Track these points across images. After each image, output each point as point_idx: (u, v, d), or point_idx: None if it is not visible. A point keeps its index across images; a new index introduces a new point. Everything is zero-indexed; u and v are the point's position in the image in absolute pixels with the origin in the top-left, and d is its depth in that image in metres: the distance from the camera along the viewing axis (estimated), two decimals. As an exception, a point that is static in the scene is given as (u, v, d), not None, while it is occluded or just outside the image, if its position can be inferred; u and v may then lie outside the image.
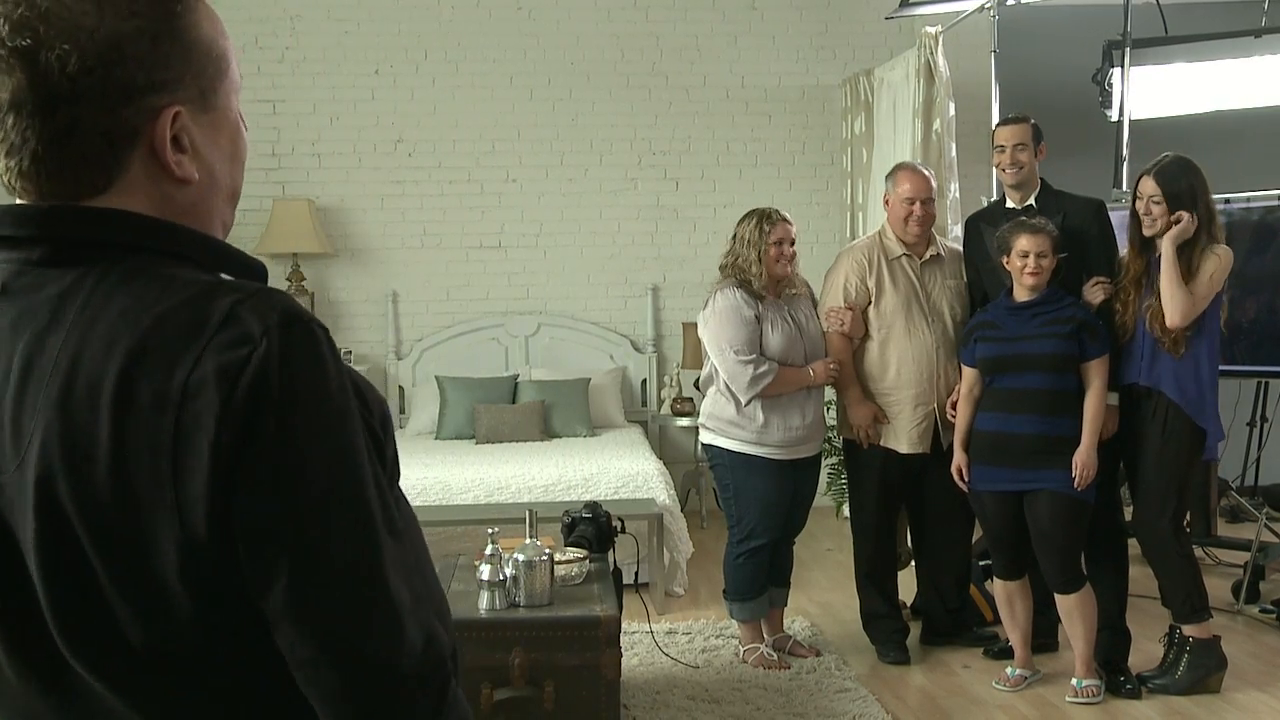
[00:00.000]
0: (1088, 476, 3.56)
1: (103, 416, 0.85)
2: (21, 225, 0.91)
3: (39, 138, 0.90)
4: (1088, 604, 3.66)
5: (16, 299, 0.91)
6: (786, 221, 3.94)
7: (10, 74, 0.88)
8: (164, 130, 0.93)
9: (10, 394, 0.89)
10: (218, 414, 0.84)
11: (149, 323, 0.87)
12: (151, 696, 0.91)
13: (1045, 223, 3.68)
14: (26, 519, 0.87)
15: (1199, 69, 5.81)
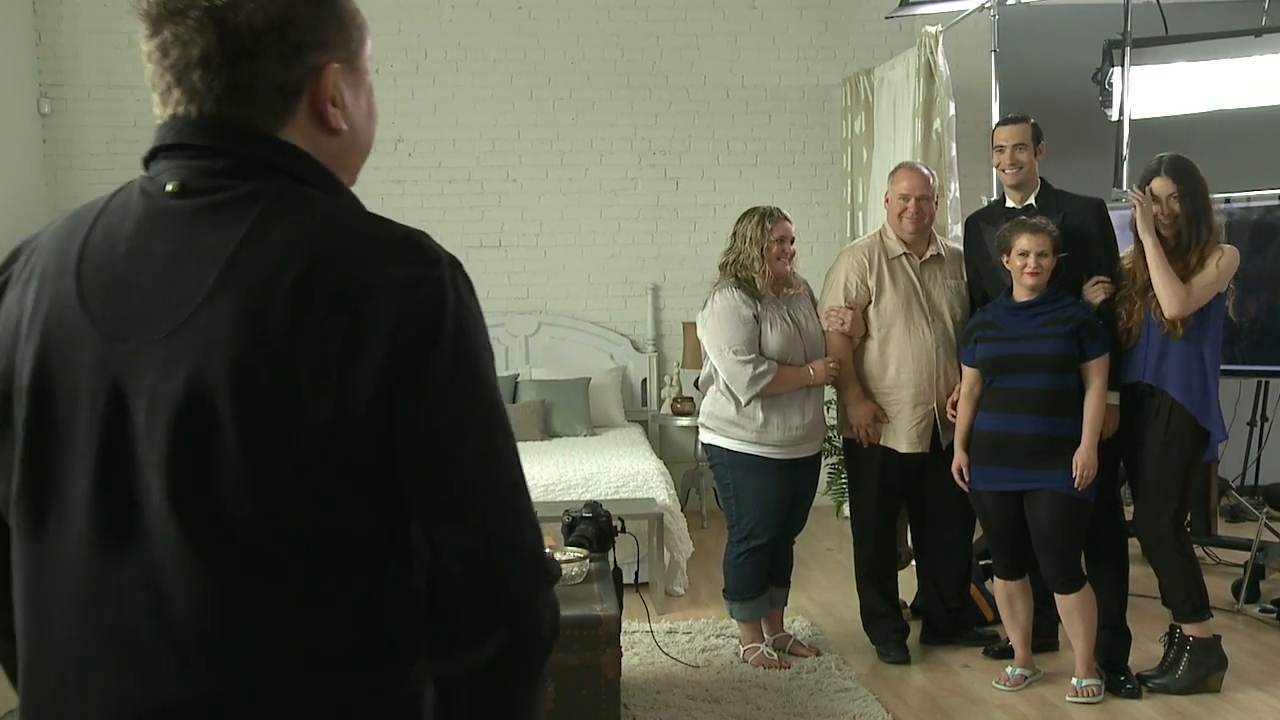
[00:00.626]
0: (1088, 476, 3.56)
1: (278, 306, 0.95)
2: (209, 137, 1.04)
3: (224, 86, 1.03)
4: (1088, 604, 3.66)
5: (195, 197, 1.03)
6: (787, 219, 3.95)
7: (202, 32, 1.02)
8: (326, 85, 1.07)
9: (168, 275, 0.99)
10: (401, 313, 0.97)
11: (330, 234, 1.01)
12: (235, 569, 0.96)
13: (1046, 222, 3.68)
14: (161, 385, 0.96)
15: (1199, 68, 5.81)
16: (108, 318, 1.00)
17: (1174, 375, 3.61)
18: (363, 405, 0.95)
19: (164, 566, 0.97)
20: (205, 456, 0.95)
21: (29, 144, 6.39)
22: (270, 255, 0.98)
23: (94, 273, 1.02)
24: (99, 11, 6.51)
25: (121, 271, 1.02)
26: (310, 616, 0.99)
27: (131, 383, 0.97)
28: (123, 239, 1.03)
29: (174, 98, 1.08)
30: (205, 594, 0.96)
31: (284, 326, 0.95)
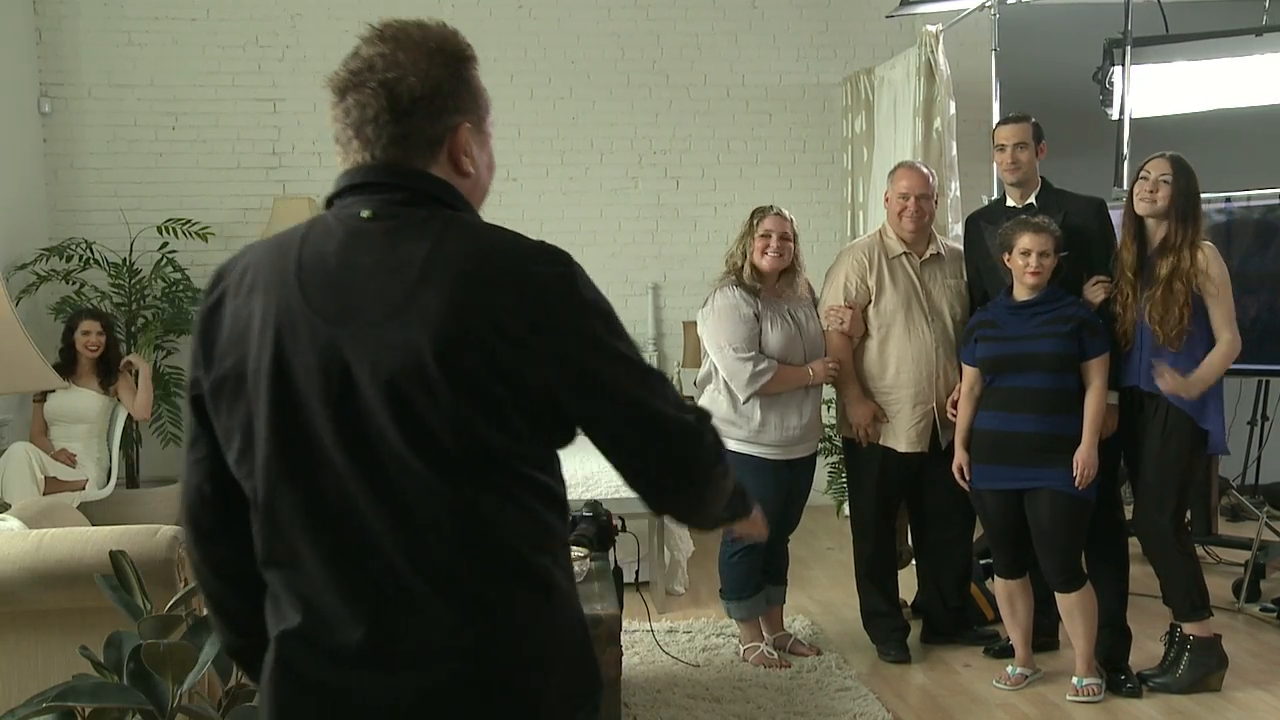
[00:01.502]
0: (1088, 476, 3.56)
1: (464, 295, 1.31)
2: (387, 176, 1.42)
3: (389, 137, 1.41)
4: (1088, 602, 3.66)
5: (385, 222, 1.39)
6: (781, 215, 3.94)
7: (376, 98, 1.40)
8: (461, 139, 1.43)
9: (374, 278, 1.35)
10: (545, 291, 1.34)
11: (490, 243, 1.37)
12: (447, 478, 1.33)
13: (1048, 222, 3.67)
14: (380, 356, 1.31)
15: (1200, 67, 5.80)
16: (328, 311, 1.35)
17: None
18: (528, 357, 1.32)
19: (398, 480, 1.33)
20: (420, 401, 1.31)
21: (29, 143, 6.38)
22: (453, 260, 1.34)
23: (312, 280, 1.37)
24: (99, 10, 6.51)
25: (335, 277, 1.37)
26: (498, 509, 1.36)
27: (353, 356, 1.33)
28: (331, 254, 1.39)
29: (353, 147, 1.45)
30: (429, 496, 1.33)
31: (469, 308, 1.31)
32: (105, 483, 5.59)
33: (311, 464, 1.36)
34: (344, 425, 1.33)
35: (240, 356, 1.39)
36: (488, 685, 1.36)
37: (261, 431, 1.37)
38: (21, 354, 3.21)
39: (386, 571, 1.34)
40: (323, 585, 1.37)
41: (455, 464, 1.34)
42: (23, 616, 2.52)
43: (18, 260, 6.11)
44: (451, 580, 1.35)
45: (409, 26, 1.48)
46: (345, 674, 1.36)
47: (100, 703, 1.77)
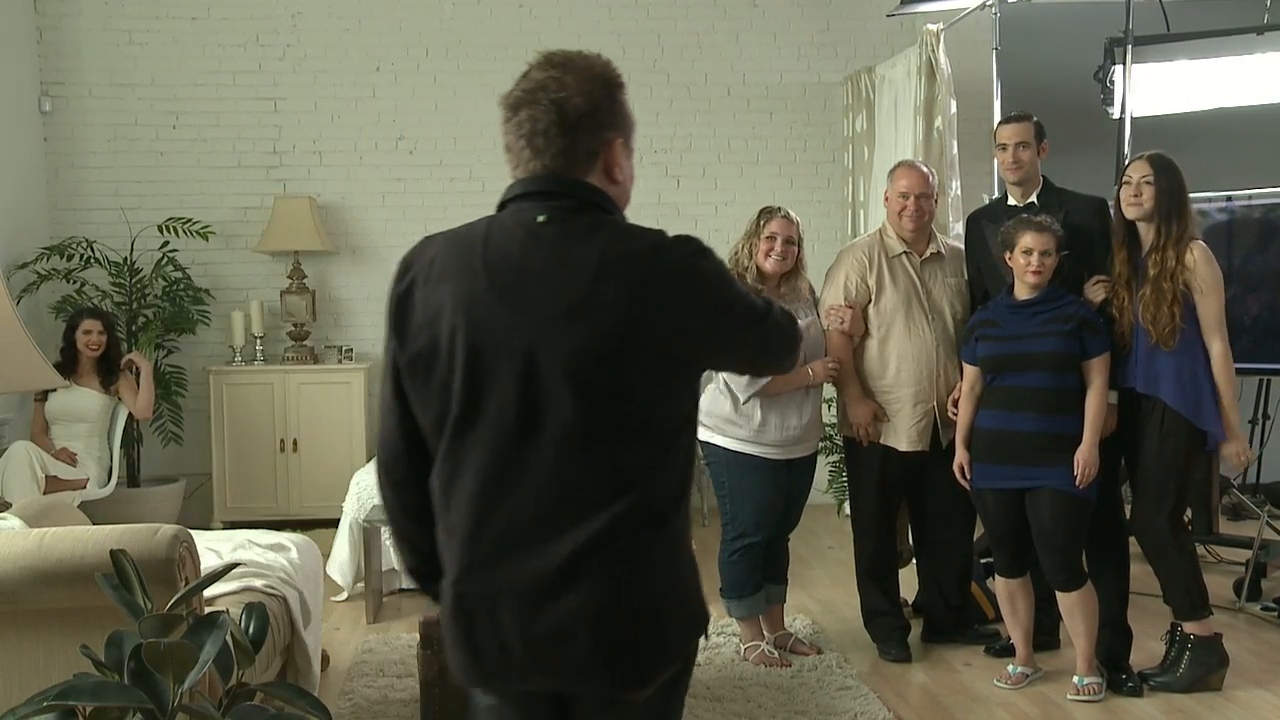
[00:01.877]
0: (1089, 475, 3.56)
1: (634, 288, 1.63)
2: (560, 186, 1.70)
3: (556, 148, 1.69)
4: (1089, 601, 3.66)
5: (557, 226, 1.68)
6: (787, 218, 3.94)
7: (547, 113, 1.67)
8: (614, 152, 1.74)
9: (553, 275, 1.64)
10: (683, 275, 1.66)
11: (643, 242, 1.69)
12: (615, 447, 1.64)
13: (1050, 221, 3.67)
14: (560, 341, 1.61)
15: (1201, 66, 5.80)
16: (515, 303, 1.64)
17: (1166, 380, 3.61)
18: (684, 330, 1.65)
19: (572, 450, 1.62)
20: (595, 380, 1.61)
21: (30, 142, 6.39)
22: (619, 261, 1.65)
23: (498, 275, 1.66)
24: (100, 9, 6.51)
25: (519, 274, 1.65)
26: (650, 470, 1.67)
27: (537, 341, 1.62)
28: (514, 254, 1.67)
29: (525, 155, 1.70)
30: (588, 457, 1.62)
31: (637, 301, 1.62)
32: (106, 482, 5.59)
33: (492, 430, 1.65)
34: (525, 397, 1.63)
35: (433, 336, 1.68)
36: (621, 610, 1.64)
37: (455, 400, 1.66)
38: (22, 353, 3.21)
39: (547, 518, 1.63)
40: (490, 525, 1.66)
41: (617, 432, 1.64)
42: (23, 615, 2.52)
43: (18, 259, 6.11)
44: (598, 524, 1.63)
45: (573, 55, 1.74)
46: (504, 598, 1.65)
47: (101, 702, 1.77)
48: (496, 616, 1.66)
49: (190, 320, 6.40)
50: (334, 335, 6.75)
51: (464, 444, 1.67)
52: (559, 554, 1.62)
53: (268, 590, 3.30)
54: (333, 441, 6.31)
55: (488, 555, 1.66)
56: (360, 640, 4.33)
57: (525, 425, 1.63)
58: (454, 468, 1.68)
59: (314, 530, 5.55)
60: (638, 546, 1.67)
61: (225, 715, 1.86)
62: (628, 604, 1.65)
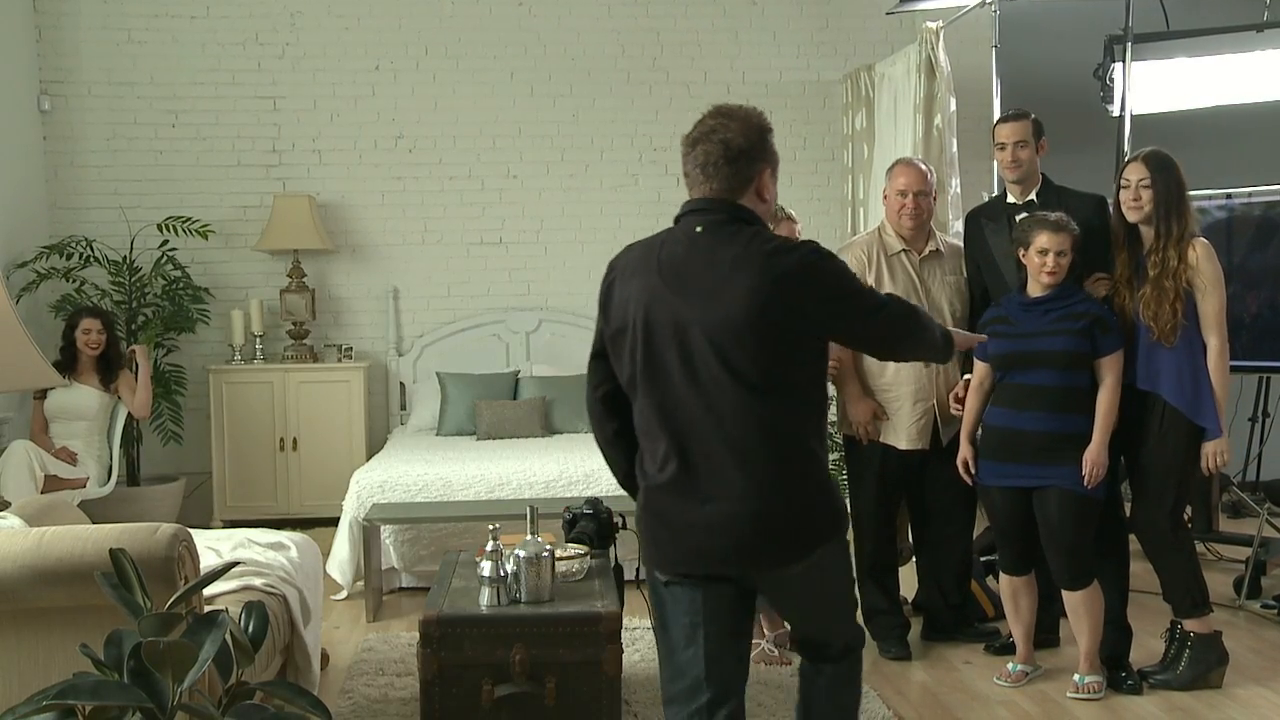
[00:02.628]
0: (1097, 475, 3.55)
1: (762, 277, 2.19)
2: (714, 206, 2.30)
3: (721, 175, 2.28)
4: (1095, 601, 3.66)
5: (711, 235, 2.27)
6: (791, 219, 3.93)
7: (716, 149, 2.27)
8: (764, 179, 2.32)
9: (706, 268, 2.24)
10: (807, 270, 2.21)
11: (771, 245, 2.24)
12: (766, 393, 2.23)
13: (1067, 220, 3.63)
14: (707, 316, 2.21)
15: (1201, 64, 5.79)
16: (677, 289, 2.26)
17: (1166, 377, 3.61)
18: (801, 314, 2.22)
19: (719, 396, 2.23)
20: (731, 346, 2.21)
21: (29, 141, 6.38)
22: (752, 259, 2.22)
23: (667, 270, 2.29)
24: (99, 8, 6.51)
25: (680, 269, 2.27)
26: (787, 413, 2.26)
27: (690, 318, 2.24)
28: (678, 255, 2.29)
29: (698, 180, 2.32)
30: (739, 408, 2.22)
31: (762, 289, 2.19)
32: (106, 480, 5.59)
33: (663, 381, 2.28)
34: (684, 359, 2.25)
35: (624, 317, 2.33)
36: (773, 507, 2.25)
37: (637, 362, 2.31)
38: (21, 352, 3.21)
39: (707, 448, 2.25)
40: (668, 453, 2.29)
41: (753, 385, 2.22)
42: (23, 614, 2.52)
43: (18, 258, 6.11)
44: (748, 452, 2.24)
45: (735, 107, 2.35)
46: (681, 505, 2.29)
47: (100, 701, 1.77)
48: (681, 525, 2.30)
49: (190, 319, 6.40)
50: (334, 334, 6.75)
51: (648, 391, 2.31)
52: (723, 474, 2.25)
53: (267, 589, 3.30)
54: (332, 440, 6.31)
55: (673, 480, 2.29)
56: (360, 639, 4.33)
57: (686, 376, 2.25)
58: (646, 413, 2.33)
59: (314, 529, 5.55)
60: (779, 463, 2.25)
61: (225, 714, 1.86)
62: (777, 509, 2.25)
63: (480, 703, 3.11)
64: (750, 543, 2.25)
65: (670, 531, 2.31)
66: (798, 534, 2.28)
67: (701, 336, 2.22)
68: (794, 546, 2.29)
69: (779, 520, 2.25)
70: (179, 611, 1.92)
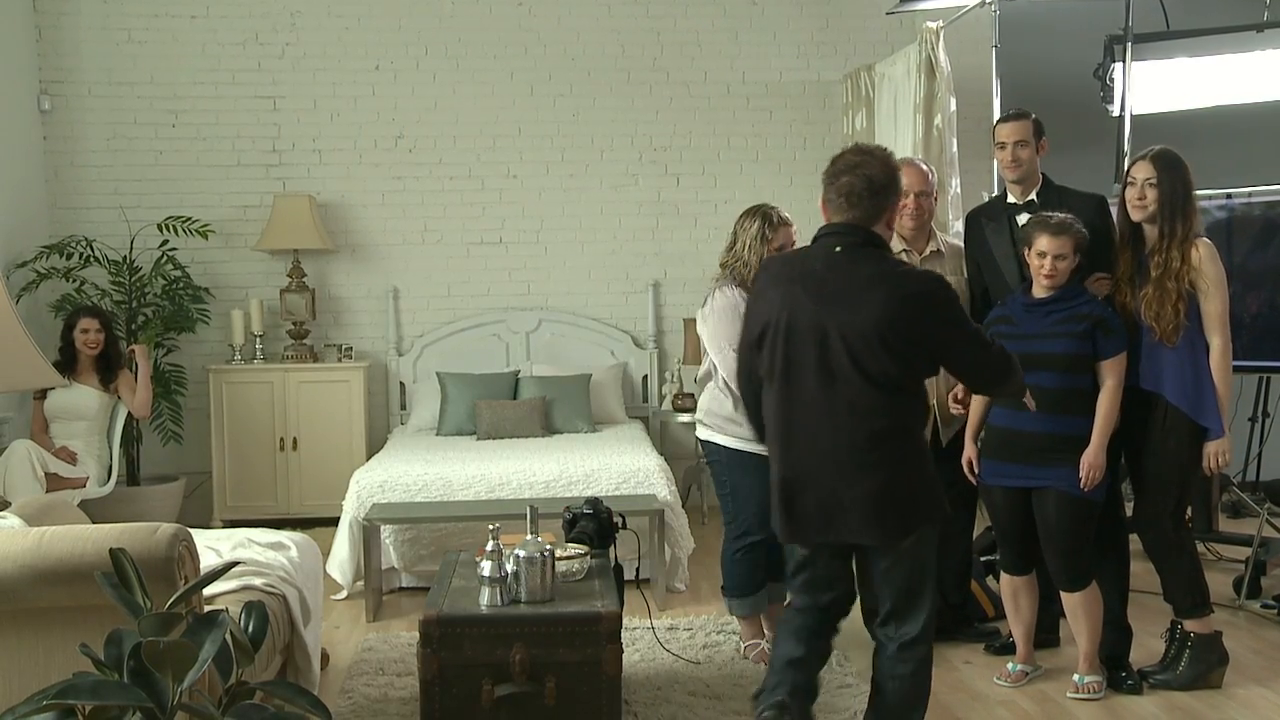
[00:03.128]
0: (1094, 479, 3.54)
1: (891, 294, 2.67)
2: (850, 230, 2.76)
3: (862, 205, 2.75)
4: (1094, 602, 3.65)
5: (848, 255, 2.74)
6: (788, 224, 3.92)
7: (860, 182, 2.74)
8: (893, 208, 2.83)
9: (844, 283, 2.70)
10: (932, 296, 2.71)
11: (901, 269, 2.79)
12: (886, 390, 2.69)
13: (1071, 222, 3.59)
14: (845, 322, 2.67)
15: (1201, 64, 5.79)
16: (817, 298, 2.70)
17: (1168, 377, 3.61)
18: (920, 332, 2.67)
19: (852, 394, 2.67)
20: (862, 350, 2.64)
21: (29, 141, 6.38)
22: (884, 278, 2.67)
23: (808, 281, 2.73)
24: (99, 8, 6.51)
25: (820, 281, 2.71)
26: (902, 409, 2.72)
27: (829, 323, 2.67)
28: (818, 269, 2.74)
29: (842, 207, 2.77)
30: (869, 403, 2.67)
31: (890, 304, 2.63)
32: (106, 480, 5.59)
33: (799, 375, 2.74)
34: (820, 357, 2.70)
35: (768, 320, 2.80)
36: (887, 490, 2.71)
37: (776, 358, 2.78)
38: (21, 352, 3.20)
39: (836, 439, 2.72)
40: (796, 438, 2.79)
41: (878, 383, 2.67)
42: (23, 614, 2.52)
43: (18, 258, 6.11)
44: (869, 440, 2.70)
45: (871, 148, 2.87)
46: (806, 485, 2.78)
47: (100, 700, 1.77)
48: (805, 503, 2.78)
49: (190, 319, 6.40)
50: (334, 334, 6.75)
51: (786, 389, 2.78)
52: (846, 454, 2.70)
53: (267, 589, 3.30)
54: (332, 440, 6.31)
55: (801, 464, 2.77)
56: (360, 639, 4.33)
57: (823, 374, 2.70)
58: (778, 399, 2.81)
59: (314, 529, 5.56)
60: (895, 451, 2.71)
61: (225, 714, 1.86)
62: (890, 486, 2.70)
63: (480, 703, 3.11)
64: (867, 520, 2.72)
65: (800, 516, 2.81)
66: (905, 515, 2.74)
67: (838, 339, 2.67)
68: (901, 526, 2.74)
69: (891, 501, 2.71)
70: (179, 611, 1.92)
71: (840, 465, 2.72)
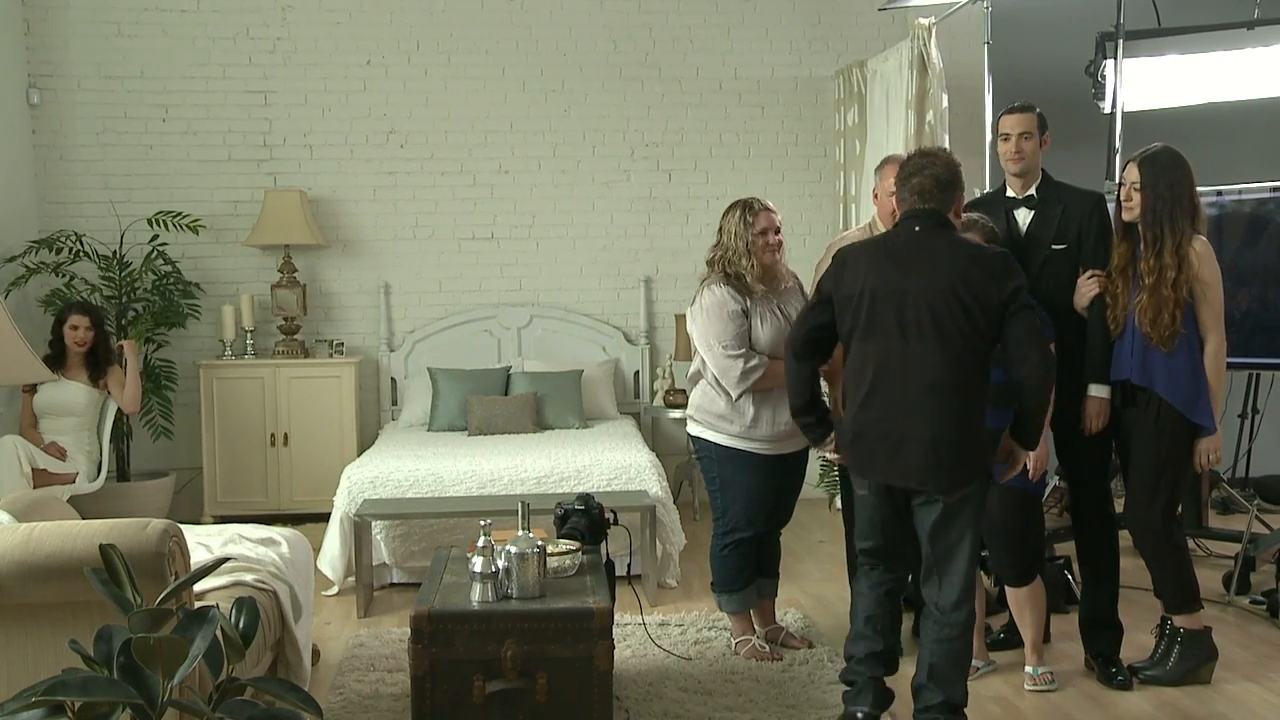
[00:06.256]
0: (1039, 468, 3.58)
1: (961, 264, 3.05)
2: (928, 215, 3.15)
3: (934, 199, 3.15)
4: (1039, 594, 3.70)
5: (925, 232, 3.14)
6: (769, 210, 3.92)
7: (927, 181, 3.15)
8: (959, 201, 3.24)
9: (926, 254, 3.09)
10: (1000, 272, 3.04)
11: (968, 244, 3.16)
12: (960, 346, 3.03)
13: (976, 220, 3.63)
14: (924, 287, 3.05)
15: (1192, 61, 5.81)
16: (900, 267, 3.09)
17: (1161, 374, 3.61)
18: (988, 298, 3.01)
19: (926, 350, 3.03)
20: (941, 311, 3.02)
21: (18, 135, 6.36)
22: (954, 250, 3.09)
23: (894, 253, 3.13)
24: (88, 2, 6.48)
25: (901, 254, 3.12)
26: (967, 370, 3.04)
27: (910, 287, 3.06)
28: (901, 245, 3.14)
29: (914, 201, 3.15)
30: (939, 359, 3.02)
31: (960, 272, 3.03)
32: (95, 476, 5.57)
33: (879, 334, 3.08)
34: (901, 318, 3.04)
35: (852, 288, 3.14)
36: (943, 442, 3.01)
37: (860, 319, 3.12)
38: (10, 347, 3.19)
39: (907, 386, 3.04)
40: (878, 389, 3.09)
41: (950, 341, 3.00)
42: (12, 610, 2.51)
43: (7, 252, 6.09)
44: (939, 393, 3.01)
45: (935, 150, 3.27)
46: (880, 431, 3.08)
47: (90, 697, 1.76)
48: (875, 439, 3.09)
49: (180, 314, 6.38)
50: (324, 329, 6.73)
51: (866, 344, 3.11)
52: (913, 406, 3.02)
53: (258, 585, 3.29)
54: (323, 435, 6.30)
55: (874, 406, 3.09)
56: (351, 634, 4.32)
57: (901, 332, 3.04)
58: (861, 356, 3.12)
59: (305, 525, 5.56)
60: (956, 406, 3.01)
61: (215, 710, 1.85)
62: (947, 439, 3.01)
63: (472, 699, 3.11)
64: (926, 461, 3.01)
65: (869, 451, 3.11)
66: (958, 466, 3.02)
67: (916, 298, 3.03)
68: (952, 476, 3.02)
69: (948, 447, 3.00)
70: (169, 607, 1.91)
71: (909, 410, 3.03)
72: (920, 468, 3.03)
